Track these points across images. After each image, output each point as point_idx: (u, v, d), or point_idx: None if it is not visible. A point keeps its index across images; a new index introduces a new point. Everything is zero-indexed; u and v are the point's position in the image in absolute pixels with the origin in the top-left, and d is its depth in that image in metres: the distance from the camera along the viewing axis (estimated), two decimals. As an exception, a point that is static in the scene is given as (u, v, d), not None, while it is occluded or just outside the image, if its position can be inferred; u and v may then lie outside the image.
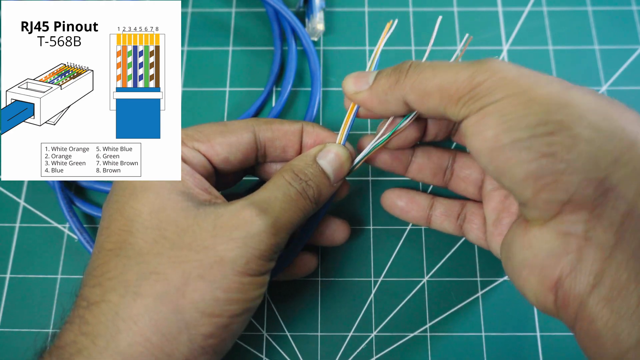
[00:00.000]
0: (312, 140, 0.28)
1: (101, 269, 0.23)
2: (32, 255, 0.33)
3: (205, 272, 0.22)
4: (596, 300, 0.19)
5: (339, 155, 0.27)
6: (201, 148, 0.26)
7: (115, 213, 0.24)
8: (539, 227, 0.21)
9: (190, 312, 0.21)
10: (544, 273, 0.21)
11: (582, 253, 0.20)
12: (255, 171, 0.30)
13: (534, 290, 0.22)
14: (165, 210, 0.23)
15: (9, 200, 0.34)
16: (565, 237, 0.20)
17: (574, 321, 0.20)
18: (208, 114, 0.37)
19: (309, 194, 0.25)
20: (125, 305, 0.21)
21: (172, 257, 0.22)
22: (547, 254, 0.21)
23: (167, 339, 0.21)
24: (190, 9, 0.40)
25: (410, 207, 0.31)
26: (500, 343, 0.31)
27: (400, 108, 0.25)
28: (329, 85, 0.37)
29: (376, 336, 0.31)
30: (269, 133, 0.27)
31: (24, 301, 0.32)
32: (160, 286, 0.22)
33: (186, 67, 0.38)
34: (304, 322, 0.32)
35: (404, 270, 0.33)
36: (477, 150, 0.22)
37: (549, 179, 0.20)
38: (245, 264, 0.22)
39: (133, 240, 0.23)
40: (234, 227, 0.23)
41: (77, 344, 0.21)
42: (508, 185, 0.21)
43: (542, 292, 0.21)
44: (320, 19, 0.37)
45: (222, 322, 0.22)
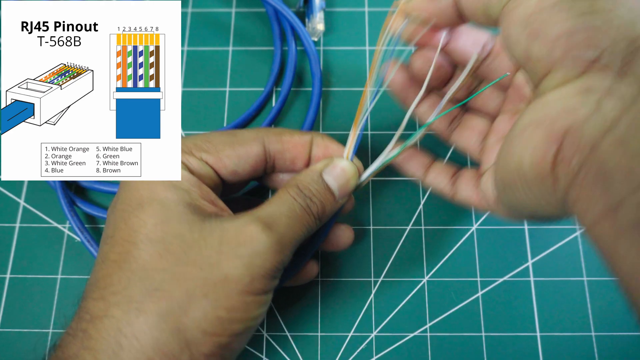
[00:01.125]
0: (322, 152, 0.28)
1: (105, 281, 0.22)
2: (32, 255, 0.33)
3: (209, 290, 0.22)
4: (609, 142, 0.18)
5: (345, 171, 0.26)
6: (209, 160, 0.26)
7: (120, 222, 0.23)
8: (557, 88, 0.20)
9: (192, 331, 0.21)
10: (553, 125, 0.19)
11: (601, 103, 0.19)
12: (262, 179, 0.30)
13: (534, 145, 0.20)
14: (171, 223, 0.23)
15: (9, 200, 0.34)
16: (585, 92, 0.19)
17: (574, 174, 0.19)
18: (208, 114, 0.37)
19: (312, 210, 0.25)
20: (128, 322, 0.21)
21: (176, 274, 0.22)
22: (562, 108, 0.19)
23: (168, 358, 0.21)
24: (190, 9, 0.40)
25: (410, 158, 0.31)
26: (500, 343, 0.31)
27: (449, 6, 0.24)
28: (330, 86, 0.37)
29: (376, 336, 0.31)
30: (279, 145, 0.27)
31: (24, 301, 0.32)
32: (164, 304, 0.21)
33: (186, 67, 0.38)
34: (304, 322, 0.32)
35: (404, 270, 0.33)
36: (515, 20, 0.21)
37: (583, 35, 0.19)
38: (250, 283, 0.22)
39: (137, 253, 0.22)
40: (239, 244, 0.22)
41: (78, 358, 0.21)
42: (537, 49, 0.20)
43: (543, 146, 0.20)
44: (320, 19, 0.37)
45: (224, 342, 0.22)
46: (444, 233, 0.33)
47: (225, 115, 0.37)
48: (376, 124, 0.36)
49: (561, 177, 0.19)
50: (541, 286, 0.32)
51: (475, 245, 0.33)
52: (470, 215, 0.34)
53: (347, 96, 0.37)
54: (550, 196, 0.20)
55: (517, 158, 0.21)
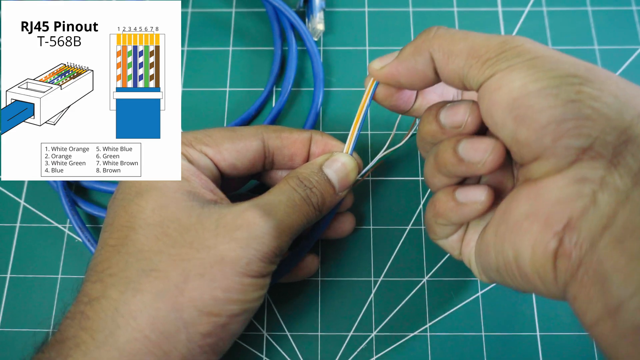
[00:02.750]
0: (321, 149, 0.28)
1: (102, 265, 0.23)
2: (32, 255, 0.33)
3: (205, 270, 0.22)
4: (607, 241, 0.18)
5: (345, 164, 0.27)
6: (209, 152, 0.26)
7: (119, 210, 0.24)
8: (550, 176, 0.20)
9: (189, 310, 0.21)
10: (550, 219, 0.19)
11: (597, 196, 0.19)
12: (262, 177, 0.30)
13: (534, 239, 0.20)
14: (169, 208, 0.23)
15: (9, 200, 0.34)
16: (580, 183, 0.19)
17: (573, 270, 0.19)
18: (208, 114, 0.37)
19: (312, 201, 0.25)
20: (125, 302, 0.21)
21: (173, 255, 0.22)
22: (557, 200, 0.19)
23: (165, 336, 0.21)
24: (190, 9, 0.40)
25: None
26: (500, 343, 0.31)
27: (427, 68, 0.24)
28: (330, 86, 0.37)
29: (376, 336, 0.31)
30: (278, 141, 0.27)
31: (24, 301, 0.32)
32: (160, 283, 0.22)
33: (186, 67, 0.38)
34: (304, 322, 0.32)
35: (404, 270, 0.33)
36: (498, 102, 0.21)
37: (572, 123, 0.19)
38: (247, 265, 0.22)
39: (135, 236, 0.23)
40: (236, 228, 0.23)
41: (76, 339, 0.21)
42: (525, 135, 0.20)
43: (543, 240, 0.20)
44: (320, 19, 0.37)
45: (221, 322, 0.22)
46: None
47: (225, 115, 0.37)
48: (376, 124, 0.36)
49: (561, 272, 0.19)
50: (541, 286, 0.32)
51: (475, 245, 0.33)
52: (470, 215, 0.34)
53: (347, 96, 0.37)
54: (551, 287, 0.20)
55: (513, 252, 0.21)
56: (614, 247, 0.18)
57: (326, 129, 0.36)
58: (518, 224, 0.21)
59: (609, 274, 0.18)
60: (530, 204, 0.20)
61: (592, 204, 0.19)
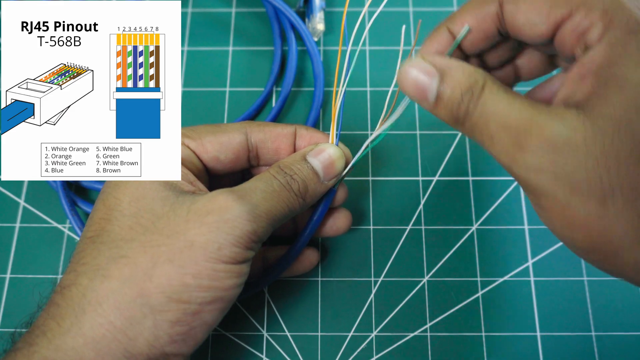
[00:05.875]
0: (306, 143, 0.28)
1: (77, 257, 0.23)
2: (32, 255, 0.33)
3: (174, 256, 0.22)
4: None
5: (330, 153, 0.27)
6: (190, 144, 0.26)
7: (99, 203, 0.24)
8: None
9: (156, 296, 0.21)
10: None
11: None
12: (250, 175, 0.30)
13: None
14: (145, 199, 0.23)
15: (9, 200, 0.34)
16: None
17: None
18: (208, 114, 0.37)
19: (293, 188, 0.25)
20: (93, 288, 0.21)
21: (143, 242, 0.22)
22: None
23: (130, 322, 0.21)
24: (190, 9, 0.40)
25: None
26: (500, 343, 0.31)
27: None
28: (330, 86, 0.37)
29: (376, 336, 0.31)
30: (261, 134, 0.28)
31: (24, 301, 0.32)
32: (128, 270, 0.21)
33: (186, 67, 0.38)
34: (304, 322, 0.32)
35: (404, 270, 0.33)
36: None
37: None
38: (218, 250, 0.22)
39: (110, 227, 0.23)
40: (207, 212, 0.22)
41: (43, 327, 0.21)
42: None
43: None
44: (320, 19, 0.37)
45: (191, 309, 0.22)
46: (444, 233, 0.33)
47: (225, 115, 0.37)
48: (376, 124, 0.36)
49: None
50: (541, 286, 0.32)
51: (475, 245, 0.33)
52: (471, 215, 0.34)
53: (347, 96, 0.37)
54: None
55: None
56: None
57: (326, 129, 0.36)
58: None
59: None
60: None
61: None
